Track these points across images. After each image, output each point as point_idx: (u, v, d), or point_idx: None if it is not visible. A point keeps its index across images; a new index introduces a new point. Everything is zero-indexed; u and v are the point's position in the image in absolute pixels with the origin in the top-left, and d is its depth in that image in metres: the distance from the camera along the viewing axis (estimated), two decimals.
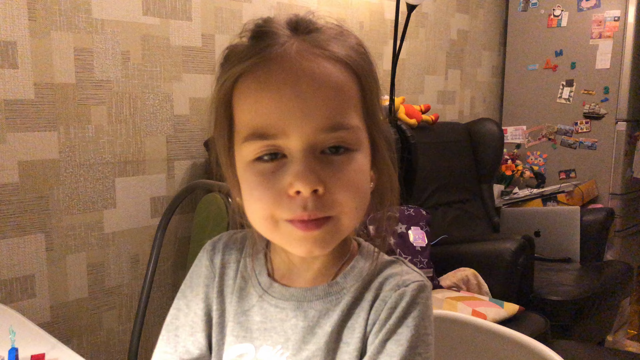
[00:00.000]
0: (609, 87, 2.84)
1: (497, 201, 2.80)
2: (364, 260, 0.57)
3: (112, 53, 1.58)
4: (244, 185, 0.53)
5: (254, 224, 0.54)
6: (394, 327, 0.52)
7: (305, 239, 0.50)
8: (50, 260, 1.51)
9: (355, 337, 0.53)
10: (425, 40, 2.72)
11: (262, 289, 0.58)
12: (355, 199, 0.51)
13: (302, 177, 0.48)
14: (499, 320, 1.62)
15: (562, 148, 3.02)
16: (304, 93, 0.48)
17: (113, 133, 1.61)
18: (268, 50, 0.50)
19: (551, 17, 3.01)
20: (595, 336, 2.24)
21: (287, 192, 0.49)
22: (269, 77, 0.49)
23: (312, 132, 0.49)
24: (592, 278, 2.19)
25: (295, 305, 0.56)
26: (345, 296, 0.55)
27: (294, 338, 0.55)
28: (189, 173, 1.81)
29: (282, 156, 0.50)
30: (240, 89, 0.52)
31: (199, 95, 1.81)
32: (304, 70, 0.49)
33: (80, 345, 1.59)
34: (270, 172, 0.50)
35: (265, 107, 0.49)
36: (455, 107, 2.99)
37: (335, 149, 0.50)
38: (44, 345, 0.84)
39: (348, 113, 0.51)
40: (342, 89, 0.51)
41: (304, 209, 0.49)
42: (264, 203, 0.50)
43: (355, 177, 0.51)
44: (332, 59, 0.51)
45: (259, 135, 0.50)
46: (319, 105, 0.49)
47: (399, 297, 0.53)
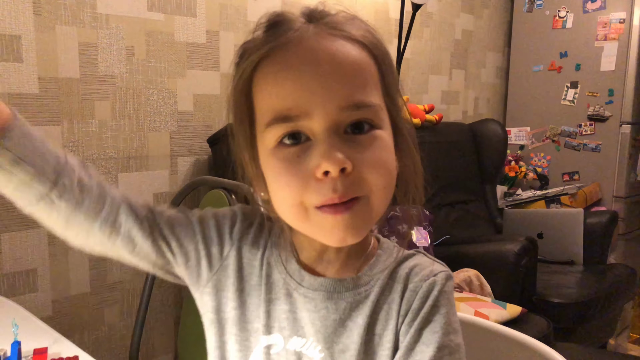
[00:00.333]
0: (614, 89, 2.83)
1: (500, 202, 2.79)
2: (386, 253, 0.58)
3: (117, 48, 1.58)
4: (269, 174, 0.52)
5: (283, 214, 0.53)
6: (428, 315, 0.52)
7: (336, 225, 0.49)
8: (53, 255, 1.51)
9: (389, 329, 0.53)
10: (429, 40, 2.72)
11: (291, 277, 0.57)
12: (384, 177, 0.50)
13: (328, 157, 0.47)
14: (501, 322, 1.62)
15: (566, 150, 3.01)
16: (324, 72, 0.48)
17: (117, 128, 1.61)
18: (285, 35, 0.50)
19: (556, 19, 3.00)
20: (597, 339, 2.23)
21: (315, 175, 0.48)
22: (287, 58, 0.49)
23: (335, 111, 0.48)
24: (595, 281, 2.18)
25: (324, 296, 0.55)
26: (373, 288, 0.55)
27: (324, 331, 0.54)
28: (192, 169, 1.81)
29: (305, 139, 0.49)
30: (259, 75, 0.51)
31: (203, 92, 1.81)
32: (323, 50, 0.49)
33: (82, 340, 1.59)
34: (295, 156, 0.49)
35: (286, 89, 0.49)
36: (459, 107, 2.98)
37: (359, 128, 0.50)
38: (46, 339, 0.84)
39: (369, 92, 0.50)
40: (362, 68, 0.51)
41: (334, 191, 0.47)
42: (292, 189, 0.49)
43: (381, 154, 0.50)
44: (349, 39, 0.51)
45: (282, 118, 0.49)
46: (340, 84, 0.48)
47: (430, 286, 0.54)
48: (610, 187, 2.87)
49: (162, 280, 1.97)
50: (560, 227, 2.45)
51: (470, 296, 1.76)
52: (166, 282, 2.02)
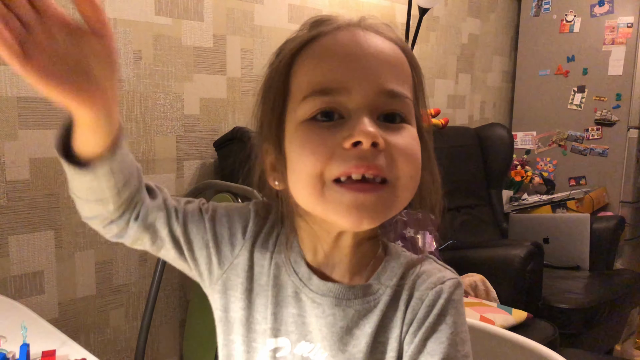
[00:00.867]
0: (621, 93, 2.82)
1: (506, 207, 2.78)
2: (395, 260, 0.56)
3: (124, 52, 1.59)
4: (295, 144, 0.50)
5: (298, 191, 0.51)
6: (434, 325, 0.51)
7: (357, 205, 0.47)
8: (59, 257, 1.52)
9: (393, 337, 0.53)
10: (436, 44, 2.72)
11: (300, 279, 0.55)
12: (412, 166, 0.50)
13: (362, 128, 0.46)
14: (506, 327, 1.61)
15: (573, 155, 3.00)
16: (369, 55, 0.50)
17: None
18: (333, 25, 0.52)
19: (563, 23, 2.99)
20: (603, 345, 2.21)
21: (343, 145, 0.47)
22: (335, 40, 0.51)
23: (373, 93, 0.49)
24: (602, 286, 2.17)
25: (333, 302, 0.54)
26: (382, 296, 0.54)
27: (330, 337, 0.53)
28: (198, 173, 1.81)
29: (339, 117, 0.49)
30: (304, 55, 0.52)
31: (210, 96, 1.81)
32: (369, 40, 0.51)
33: (88, 343, 1.60)
34: (326, 128, 0.49)
35: (330, 64, 0.50)
36: (465, 111, 2.98)
37: (391, 119, 0.50)
38: (54, 341, 0.84)
39: (405, 86, 0.52)
40: (402, 65, 0.53)
41: (361, 159, 0.46)
42: (316, 157, 0.47)
43: (411, 143, 0.50)
44: (391, 41, 0.53)
45: (320, 91, 0.49)
46: (382, 68, 0.50)
47: (436, 294, 0.52)
48: (617, 192, 2.85)
49: (167, 283, 1.97)
50: (567, 232, 2.44)
51: (475, 301, 1.75)
52: (172, 285, 2.01)
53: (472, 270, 1.92)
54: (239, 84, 1.89)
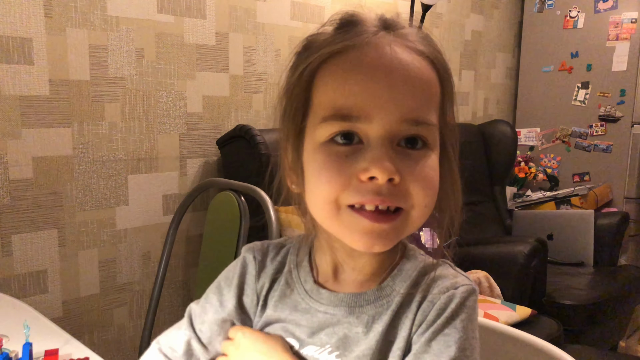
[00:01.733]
0: (626, 89, 2.80)
1: (510, 203, 2.77)
2: (410, 262, 0.56)
3: (127, 50, 1.59)
4: (312, 167, 0.51)
5: (314, 209, 0.52)
6: (441, 328, 0.51)
7: (370, 231, 0.48)
8: (63, 256, 1.52)
9: (401, 336, 0.53)
10: (439, 40, 2.70)
11: (309, 296, 0.57)
12: (428, 196, 0.50)
13: (379, 164, 0.46)
14: (511, 324, 1.61)
15: (577, 151, 2.99)
16: (394, 81, 0.48)
17: (126, 130, 1.62)
18: (361, 36, 0.50)
19: (567, 19, 2.98)
20: (608, 341, 2.21)
21: (359, 177, 0.47)
22: (360, 59, 0.49)
23: (395, 122, 0.48)
24: (606, 283, 2.16)
25: (346, 311, 0.55)
26: (395, 298, 0.54)
27: (346, 340, 0.54)
28: (201, 171, 1.81)
29: (358, 141, 0.49)
30: (327, 69, 0.50)
31: (212, 94, 1.81)
32: (398, 59, 0.49)
33: (91, 341, 1.60)
34: (344, 155, 0.48)
35: (354, 88, 0.48)
36: (469, 108, 2.97)
37: (413, 144, 0.49)
38: (57, 340, 0.84)
39: (431, 111, 0.51)
40: (430, 85, 0.51)
41: (377, 194, 0.47)
42: (332, 185, 0.48)
43: (430, 173, 0.50)
44: (421, 54, 0.51)
45: (341, 115, 0.48)
46: (407, 96, 0.48)
47: (448, 299, 0.52)
48: (621, 188, 2.84)
49: (171, 281, 1.98)
50: (571, 229, 2.43)
51: (479, 298, 1.75)
52: (175, 283, 2.02)
53: (476, 267, 1.92)
54: (241, 81, 1.88)
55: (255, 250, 0.62)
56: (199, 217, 1.80)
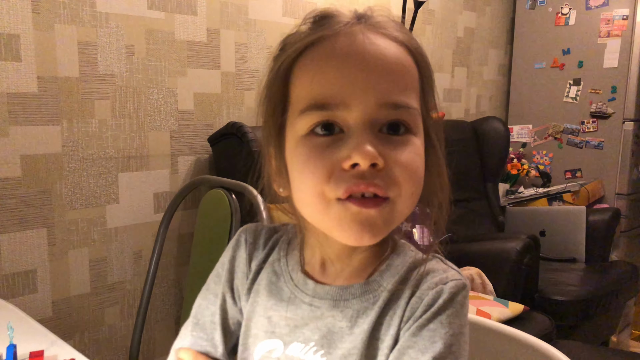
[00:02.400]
0: (617, 86, 2.81)
1: (502, 200, 2.78)
2: (400, 257, 0.55)
3: (117, 47, 1.57)
4: (295, 162, 0.50)
5: (302, 206, 0.51)
6: (427, 323, 0.50)
7: (359, 218, 0.47)
8: (53, 255, 1.50)
9: (390, 334, 0.51)
10: (431, 37, 2.70)
11: (295, 286, 0.56)
12: (413, 183, 0.49)
13: (360, 149, 0.46)
14: (503, 320, 1.61)
15: (569, 147, 3.00)
16: (369, 65, 0.47)
17: (117, 128, 1.60)
18: (333, 27, 0.49)
19: (559, 15, 2.98)
20: (599, 337, 2.22)
21: (342, 165, 0.47)
22: (333, 48, 0.48)
23: (374, 106, 0.47)
24: (598, 278, 2.17)
25: (331, 304, 0.54)
26: (382, 294, 0.53)
27: (330, 337, 0.53)
28: (192, 169, 1.80)
29: (338, 131, 0.48)
30: (302, 62, 0.50)
31: (204, 91, 1.80)
32: (371, 45, 0.48)
33: (82, 341, 1.59)
34: (325, 145, 0.48)
35: (329, 77, 0.48)
36: (462, 105, 2.97)
37: (395, 129, 0.49)
38: (43, 341, 0.83)
39: (410, 95, 0.50)
40: (406, 69, 0.50)
41: (360, 177, 0.46)
42: (316, 177, 0.47)
43: (414, 159, 0.49)
44: (396, 42, 0.50)
45: (319, 105, 0.48)
46: (384, 79, 0.48)
47: (436, 294, 0.51)
48: (612, 184, 2.85)
49: (162, 280, 1.96)
50: (563, 225, 2.44)
51: (472, 294, 1.75)
52: (167, 282, 2.01)
53: (468, 263, 1.92)
54: (233, 78, 1.87)
55: (248, 233, 0.62)
56: (190, 215, 1.79)
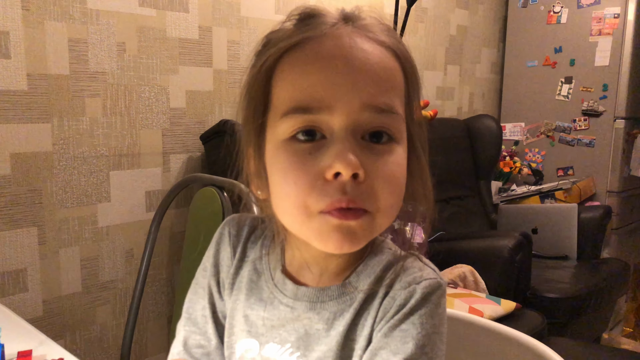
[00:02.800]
0: (608, 84, 2.83)
1: (495, 198, 2.79)
2: (378, 256, 0.54)
3: (108, 44, 1.56)
4: (276, 168, 0.49)
5: (283, 215, 0.50)
6: (398, 323, 0.49)
7: (339, 228, 0.46)
8: (43, 254, 1.49)
9: (363, 335, 0.51)
10: (424, 35, 2.70)
11: (275, 286, 0.56)
12: (393, 195, 0.48)
13: (342, 158, 0.45)
14: (495, 318, 1.61)
15: (560, 145, 3.01)
16: (355, 69, 0.46)
17: (108, 126, 1.59)
18: (319, 28, 0.48)
19: (551, 14, 2.99)
20: (591, 333, 2.24)
21: (324, 175, 0.46)
22: (318, 50, 0.47)
23: (358, 110, 0.46)
24: (589, 276, 2.19)
25: (308, 306, 0.53)
26: (358, 295, 0.52)
27: (306, 338, 0.53)
28: (184, 167, 1.79)
29: (320, 137, 0.47)
30: (285, 63, 0.49)
31: (196, 88, 1.79)
32: (357, 48, 0.47)
33: (74, 341, 1.58)
34: (307, 152, 0.47)
35: (312, 80, 0.46)
36: (454, 103, 2.98)
37: (378, 137, 0.48)
38: (32, 341, 0.82)
39: (395, 99, 0.49)
40: (391, 74, 0.49)
41: (342, 193, 0.45)
42: (299, 187, 0.46)
43: (395, 170, 0.48)
44: (382, 45, 0.49)
45: (302, 108, 0.46)
46: (368, 83, 0.47)
47: (408, 294, 0.50)
48: (604, 182, 2.87)
49: (155, 279, 1.95)
50: (555, 222, 2.45)
51: (464, 292, 1.76)
52: (159, 281, 2.00)
53: (461, 261, 1.93)
54: (225, 76, 1.86)
55: (232, 225, 0.62)
56: (182, 213, 1.78)
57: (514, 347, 0.77)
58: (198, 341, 0.60)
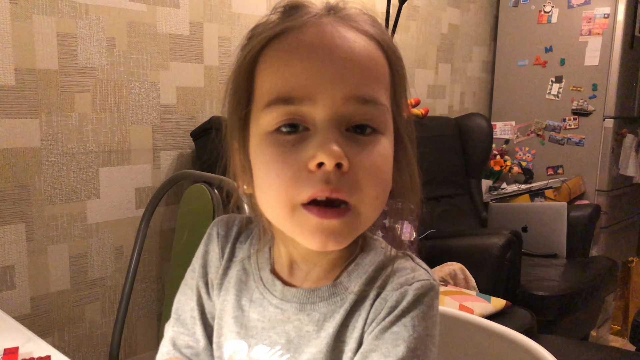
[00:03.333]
0: (598, 84, 2.85)
1: (485, 196, 2.80)
2: (370, 256, 0.53)
3: (97, 39, 1.54)
4: (259, 160, 0.48)
5: (267, 209, 0.50)
6: (390, 325, 0.48)
7: (320, 228, 0.46)
8: (31, 251, 1.47)
9: (354, 336, 0.50)
10: (416, 33, 2.71)
11: (264, 286, 0.55)
12: (378, 186, 0.48)
13: (326, 148, 0.44)
14: (485, 315, 1.62)
15: (550, 144, 3.03)
16: (337, 58, 0.46)
17: (97, 122, 1.57)
18: (302, 19, 0.47)
19: (541, 13, 3.01)
20: (580, 331, 2.25)
21: (308, 166, 0.45)
22: (300, 39, 0.46)
23: (341, 100, 0.45)
24: (578, 274, 2.20)
25: (297, 308, 0.52)
26: (349, 296, 0.51)
27: (297, 341, 0.52)
28: (175, 164, 1.78)
29: (303, 129, 0.46)
30: (268, 54, 0.48)
31: (186, 85, 1.78)
32: (340, 37, 0.47)
33: (62, 338, 1.56)
34: (290, 144, 0.46)
35: (294, 70, 0.46)
36: (445, 101, 2.98)
37: (362, 129, 0.47)
38: (18, 338, 0.81)
39: (379, 90, 0.48)
40: (376, 64, 0.48)
41: (326, 182, 0.44)
42: (282, 179, 0.46)
43: (380, 161, 0.47)
44: (366, 35, 0.49)
45: (284, 99, 0.46)
46: (351, 72, 0.46)
47: (400, 296, 0.49)
48: (593, 180, 2.89)
49: (144, 276, 1.94)
50: (545, 221, 2.46)
51: (455, 290, 1.76)
52: (149, 278, 1.98)
53: (451, 259, 1.93)
54: (216, 72, 1.85)
55: (220, 226, 0.61)
56: (172, 210, 1.77)
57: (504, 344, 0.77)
58: (186, 342, 0.60)
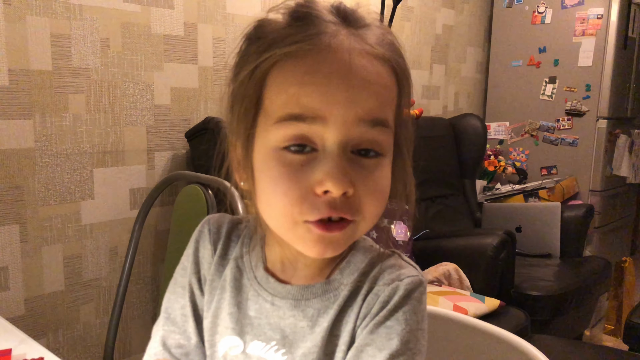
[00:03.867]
0: (591, 84, 2.87)
1: (479, 196, 2.81)
2: (360, 254, 0.56)
3: (91, 40, 1.54)
4: (266, 175, 0.50)
5: (271, 220, 0.52)
6: (383, 320, 0.50)
7: (322, 240, 0.49)
8: (25, 252, 1.47)
9: (347, 330, 0.52)
10: (410, 34, 2.71)
11: (258, 284, 0.56)
12: (378, 207, 0.51)
13: (334, 177, 0.46)
14: (479, 315, 1.63)
15: (544, 145, 3.05)
16: (353, 86, 0.47)
17: (91, 122, 1.57)
18: (318, 38, 0.48)
19: (535, 14, 3.02)
20: (573, 331, 2.27)
21: (314, 190, 0.47)
22: (319, 66, 0.47)
23: (352, 123, 0.47)
24: (572, 274, 2.22)
25: (292, 304, 0.54)
26: (342, 292, 0.53)
27: (292, 336, 0.53)
28: (169, 164, 1.78)
29: (311, 149, 0.48)
30: (282, 70, 0.48)
31: (181, 85, 1.78)
32: (356, 66, 0.48)
33: (56, 340, 1.56)
34: (299, 164, 0.48)
35: (309, 90, 0.47)
36: (440, 102, 2.99)
37: (366, 151, 0.49)
38: (11, 340, 0.81)
39: (388, 112, 0.50)
40: (387, 88, 0.50)
41: (331, 207, 0.47)
42: (289, 199, 0.48)
43: (381, 183, 0.50)
44: (381, 59, 0.50)
45: (296, 116, 0.47)
46: (365, 99, 0.48)
47: (392, 291, 0.51)
48: (586, 181, 2.91)
49: (139, 277, 1.93)
50: (538, 221, 2.48)
51: (449, 290, 1.77)
52: (143, 279, 1.98)
53: (446, 259, 1.94)
54: (211, 73, 1.85)
55: (211, 223, 0.62)
56: (166, 211, 1.77)
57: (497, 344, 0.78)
58: (177, 340, 0.60)
